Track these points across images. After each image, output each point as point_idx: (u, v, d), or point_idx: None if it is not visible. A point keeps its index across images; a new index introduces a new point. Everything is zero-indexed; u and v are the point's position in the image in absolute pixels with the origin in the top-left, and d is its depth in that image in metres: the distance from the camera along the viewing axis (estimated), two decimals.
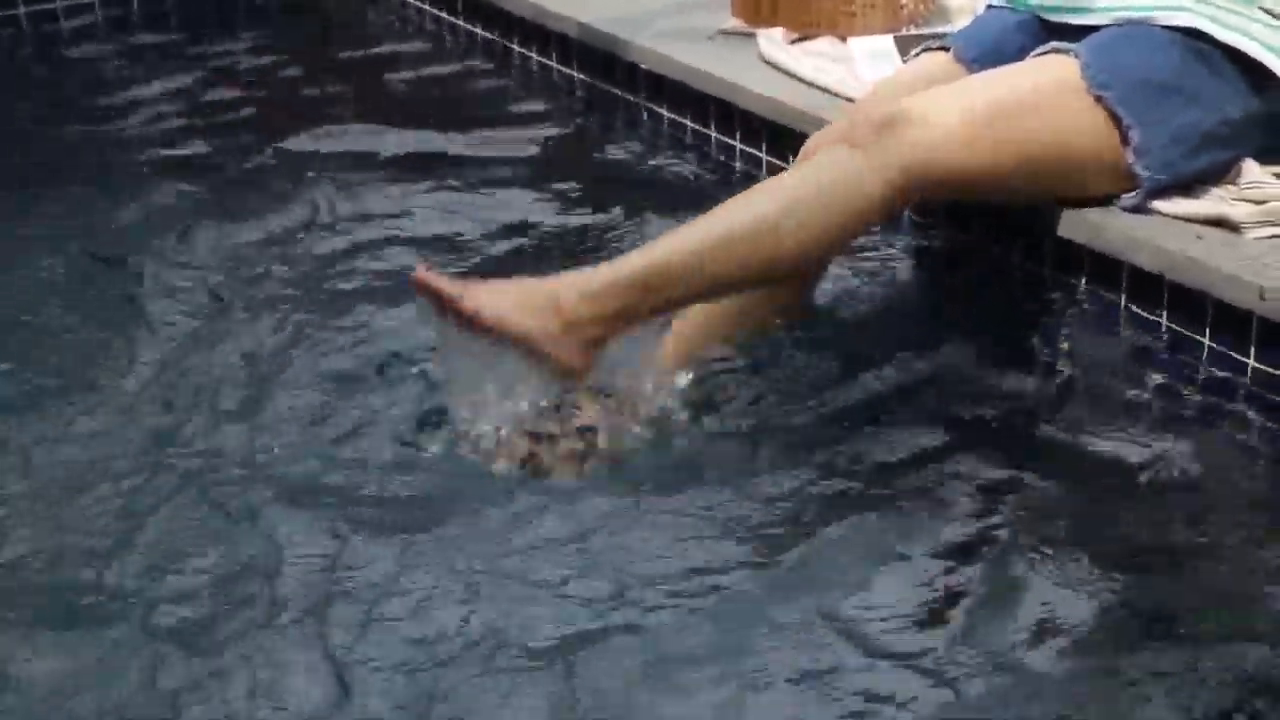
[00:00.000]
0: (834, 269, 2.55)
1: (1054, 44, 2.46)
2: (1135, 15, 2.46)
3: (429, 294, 2.23)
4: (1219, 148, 2.43)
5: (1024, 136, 2.35)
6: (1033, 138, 2.36)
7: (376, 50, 3.90)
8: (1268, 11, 2.42)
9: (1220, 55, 2.41)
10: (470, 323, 2.21)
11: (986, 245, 2.63)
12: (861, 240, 2.58)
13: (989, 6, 2.71)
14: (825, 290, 2.55)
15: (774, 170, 2.78)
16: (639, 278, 2.24)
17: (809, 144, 2.53)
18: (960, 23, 3.07)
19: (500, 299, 2.23)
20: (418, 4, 4.01)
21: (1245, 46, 2.40)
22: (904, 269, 2.68)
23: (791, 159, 2.88)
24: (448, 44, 3.88)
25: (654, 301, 2.25)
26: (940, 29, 3.09)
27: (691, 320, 2.38)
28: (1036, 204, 2.49)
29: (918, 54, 2.68)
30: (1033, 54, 2.47)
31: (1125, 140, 2.38)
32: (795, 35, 3.21)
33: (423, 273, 2.23)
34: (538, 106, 3.50)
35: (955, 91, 2.38)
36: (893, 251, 2.70)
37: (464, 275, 2.55)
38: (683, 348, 2.39)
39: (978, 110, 2.33)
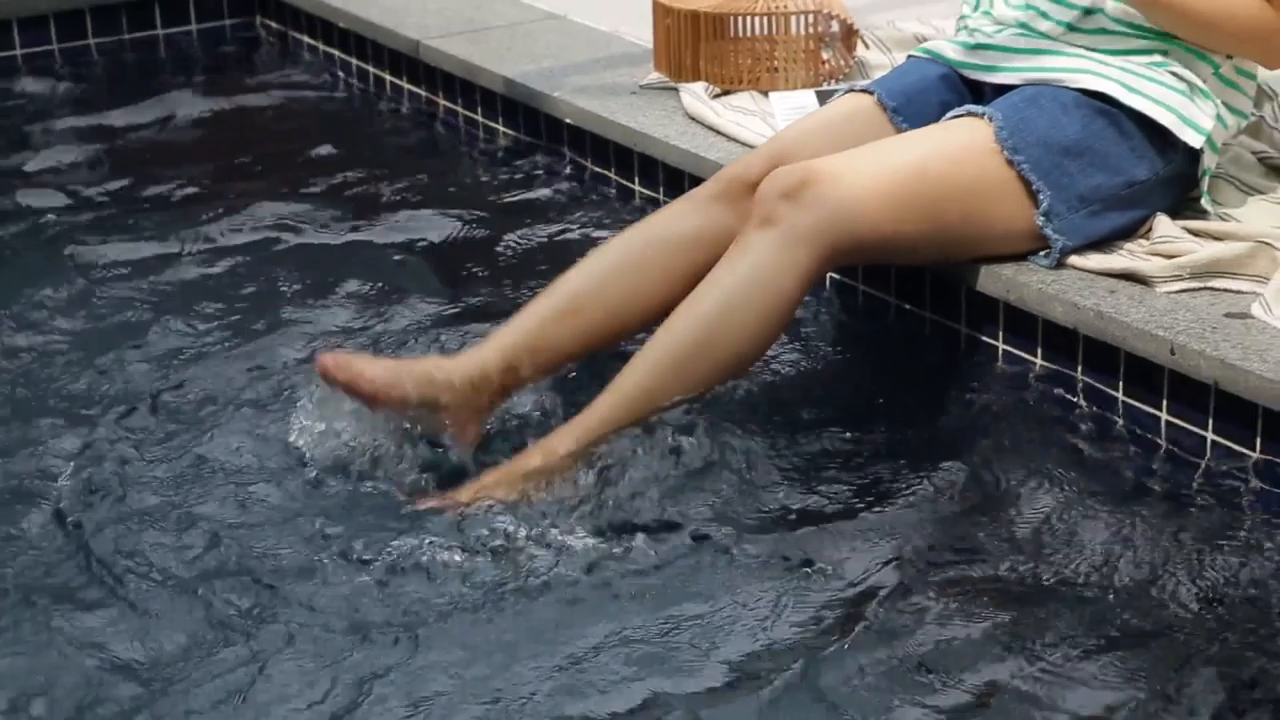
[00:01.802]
0: None
1: (967, 107, 2.49)
2: (1046, 76, 2.50)
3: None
4: (1128, 208, 2.48)
5: (938, 197, 2.38)
6: (947, 199, 2.39)
7: (299, 104, 3.90)
8: (1174, 74, 2.46)
9: (1128, 118, 2.45)
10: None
11: (904, 301, 2.66)
12: None
13: (910, 57, 2.74)
14: None
15: None
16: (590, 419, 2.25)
17: (724, 173, 2.54)
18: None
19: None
20: (343, 56, 4.01)
21: (1151, 111, 2.44)
22: (823, 327, 2.70)
23: None
24: (373, 99, 3.89)
25: (606, 431, 2.25)
26: (860, 85, 3.12)
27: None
28: (953, 263, 2.51)
29: (841, 94, 2.70)
30: (947, 116, 2.51)
31: (1036, 203, 2.42)
32: (717, 89, 3.23)
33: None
34: (464, 160, 3.52)
35: (868, 154, 2.41)
36: (812, 311, 2.71)
37: (377, 343, 2.59)
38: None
39: (892, 172, 2.36)
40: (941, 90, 2.60)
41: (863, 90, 2.63)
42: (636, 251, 2.42)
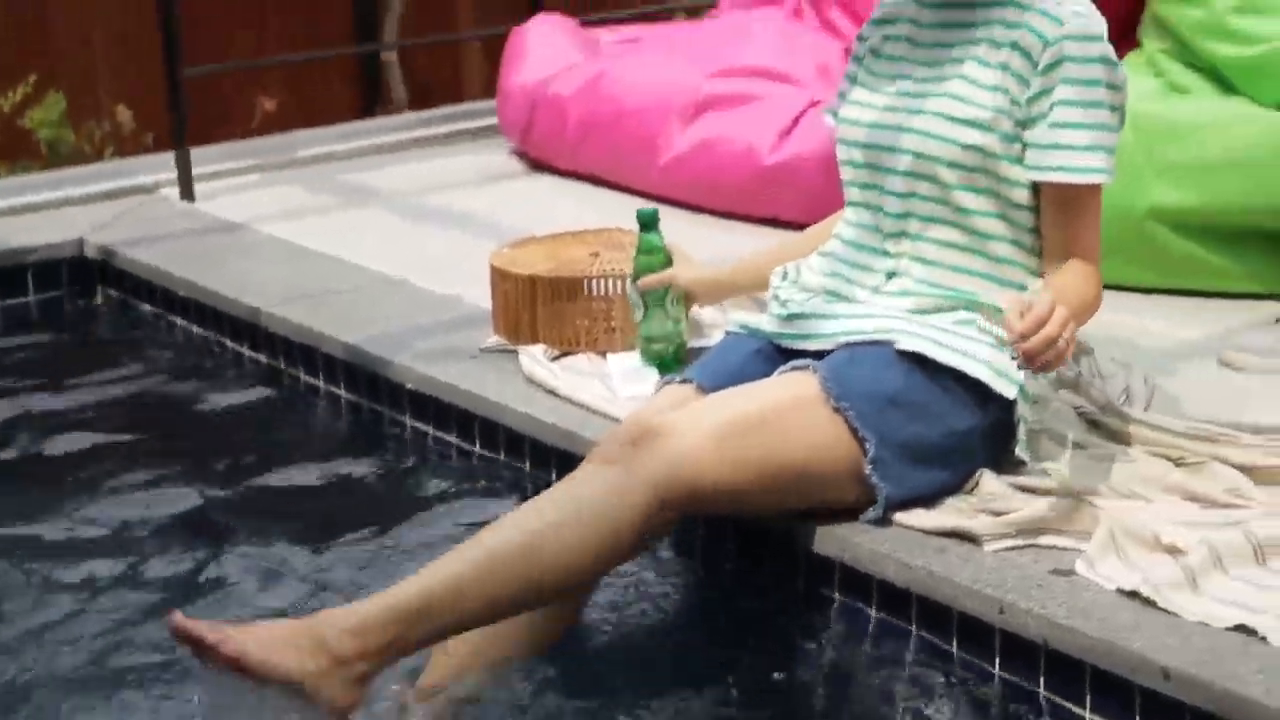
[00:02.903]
0: (606, 581, 2.58)
1: (794, 363, 2.56)
2: (860, 339, 2.57)
3: (189, 640, 2.22)
4: (952, 460, 2.54)
5: (772, 447, 2.44)
6: (780, 449, 2.45)
7: (138, 373, 3.89)
8: (984, 330, 2.55)
9: (944, 373, 2.52)
10: (234, 667, 2.20)
11: (744, 559, 2.68)
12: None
13: (727, 333, 2.82)
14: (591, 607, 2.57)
15: (539, 486, 2.82)
16: (403, 610, 2.26)
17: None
18: (715, 337, 3.16)
19: (264, 641, 2.23)
20: (184, 324, 4.02)
21: (964, 365, 2.52)
22: (664, 587, 2.71)
23: (554, 474, 2.94)
24: (217, 367, 3.88)
25: (422, 632, 2.28)
26: (695, 343, 3.19)
27: (462, 639, 2.38)
28: (789, 515, 2.55)
29: (662, 386, 2.76)
30: (777, 372, 2.57)
31: (864, 450, 2.48)
32: (555, 352, 3.28)
33: (180, 619, 2.22)
34: (306, 428, 3.52)
35: (706, 407, 2.48)
36: (653, 571, 2.73)
37: (226, 620, 2.54)
38: (445, 672, 2.39)
39: (727, 425, 2.42)
40: (761, 366, 2.66)
41: (683, 381, 2.69)
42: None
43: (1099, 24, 2.52)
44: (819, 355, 2.59)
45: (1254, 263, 3.42)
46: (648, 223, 3.09)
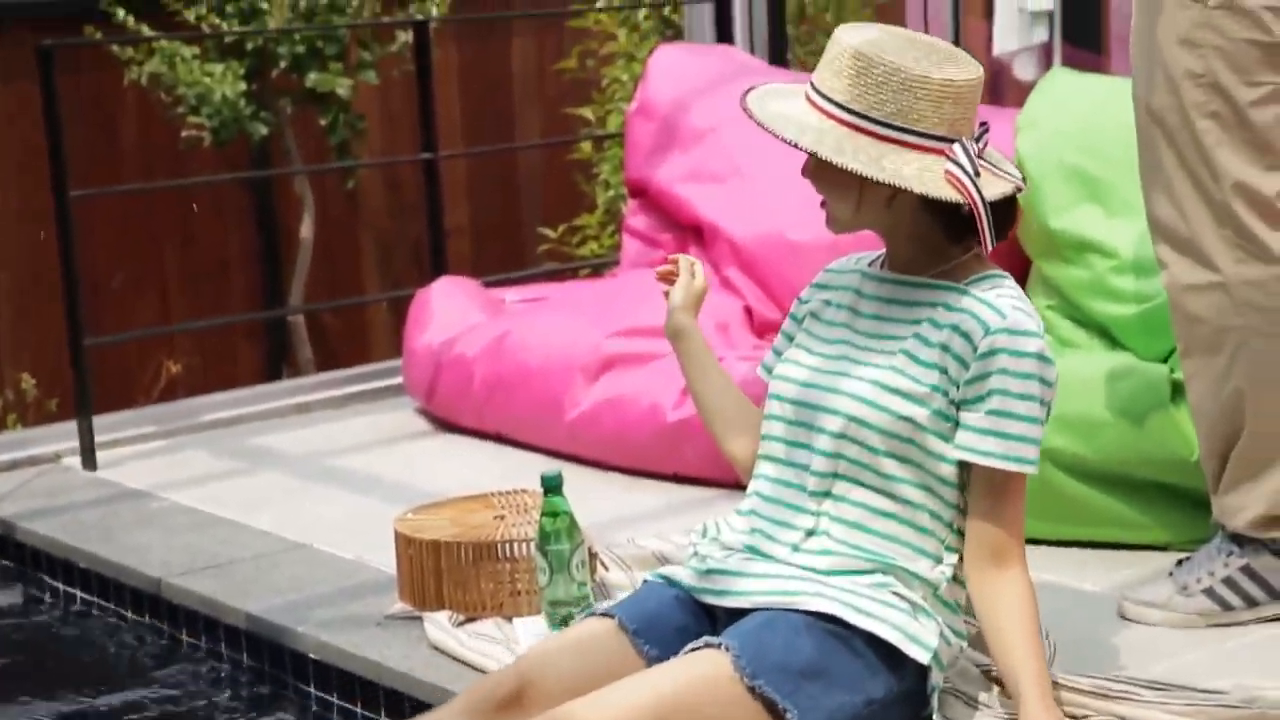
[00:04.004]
0: None
1: (705, 639, 2.54)
2: (776, 600, 2.58)
3: None
4: None
5: None
6: None
7: (39, 648, 3.83)
8: (897, 594, 2.56)
9: (858, 637, 2.53)
10: None
11: None
12: None
13: (645, 581, 2.81)
14: None
15: None
16: None
17: (472, 690, 2.56)
18: (621, 598, 3.15)
19: None
20: (84, 595, 3.97)
21: (878, 630, 2.53)
22: None
23: None
24: (116, 640, 3.83)
25: None
26: (600, 608, 3.17)
27: None
28: None
29: (582, 619, 2.74)
30: (686, 649, 2.55)
31: None
32: (461, 617, 3.26)
33: None
34: (209, 699, 3.46)
35: (613, 695, 2.44)
36: None
37: None
38: None
39: (640, 711, 2.39)
40: (678, 613, 2.66)
41: (604, 614, 2.68)
42: None
43: (1037, 322, 2.60)
44: (732, 612, 2.60)
45: (1148, 513, 3.46)
46: (552, 486, 3.10)
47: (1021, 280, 3.83)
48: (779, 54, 5.71)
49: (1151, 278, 3.59)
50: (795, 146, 2.56)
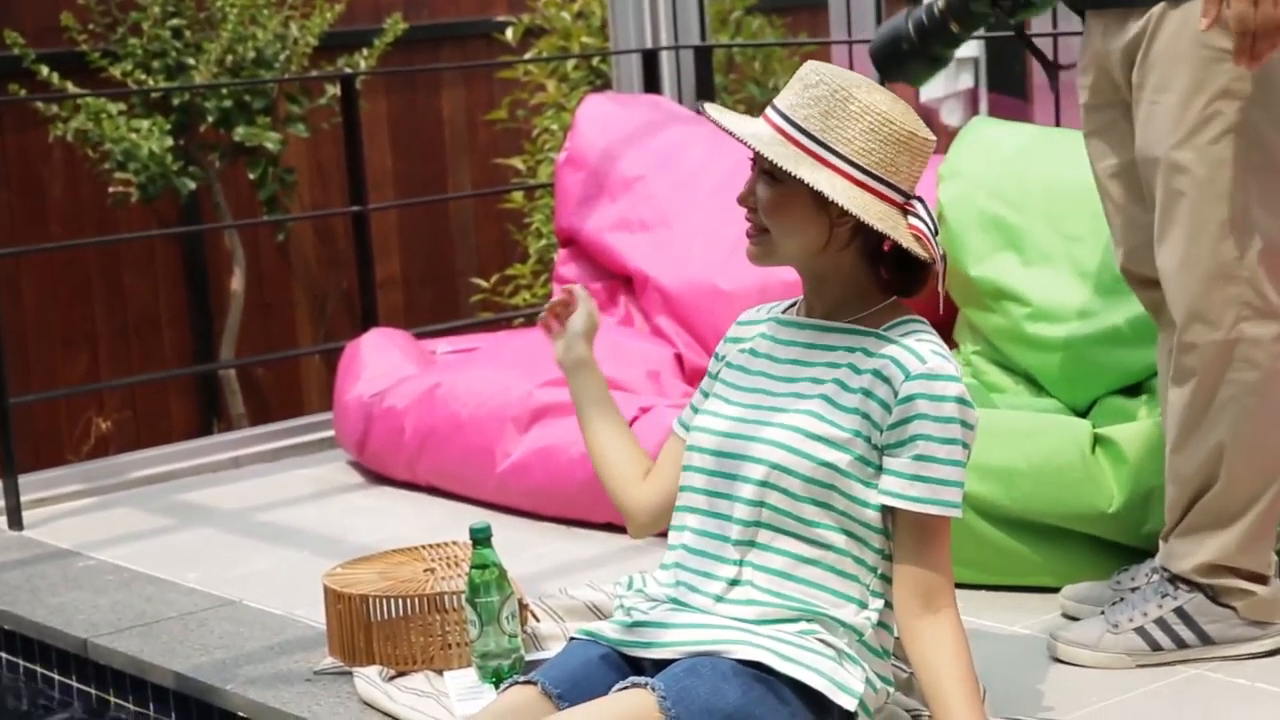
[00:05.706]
0: None
1: (632, 679, 2.54)
2: (702, 648, 2.57)
3: None
4: None
5: None
6: None
7: None
8: (823, 641, 2.56)
9: (784, 684, 2.52)
10: None
11: None
12: None
13: (571, 639, 2.80)
14: None
15: None
16: None
17: None
18: (553, 649, 3.15)
19: None
20: (9, 658, 3.92)
21: (804, 677, 2.52)
22: None
23: None
24: (41, 702, 3.78)
25: None
26: (532, 656, 3.16)
27: None
28: None
29: (506, 688, 2.73)
30: (614, 689, 2.55)
31: None
32: (392, 672, 3.23)
33: None
34: None
35: None
36: None
37: None
38: None
39: None
40: (604, 671, 2.65)
41: (526, 681, 2.66)
42: None
43: (956, 366, 2.61)
44: (659, 664, 2.59)
45: (1066, 560, 3.47)
46: (481, 538, 3.09)
47: (949, 324, 3.87)
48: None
49: (1067, 325, 3.60)
50: (793, 175, 2.56)
